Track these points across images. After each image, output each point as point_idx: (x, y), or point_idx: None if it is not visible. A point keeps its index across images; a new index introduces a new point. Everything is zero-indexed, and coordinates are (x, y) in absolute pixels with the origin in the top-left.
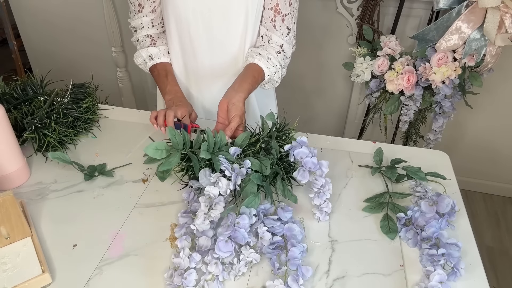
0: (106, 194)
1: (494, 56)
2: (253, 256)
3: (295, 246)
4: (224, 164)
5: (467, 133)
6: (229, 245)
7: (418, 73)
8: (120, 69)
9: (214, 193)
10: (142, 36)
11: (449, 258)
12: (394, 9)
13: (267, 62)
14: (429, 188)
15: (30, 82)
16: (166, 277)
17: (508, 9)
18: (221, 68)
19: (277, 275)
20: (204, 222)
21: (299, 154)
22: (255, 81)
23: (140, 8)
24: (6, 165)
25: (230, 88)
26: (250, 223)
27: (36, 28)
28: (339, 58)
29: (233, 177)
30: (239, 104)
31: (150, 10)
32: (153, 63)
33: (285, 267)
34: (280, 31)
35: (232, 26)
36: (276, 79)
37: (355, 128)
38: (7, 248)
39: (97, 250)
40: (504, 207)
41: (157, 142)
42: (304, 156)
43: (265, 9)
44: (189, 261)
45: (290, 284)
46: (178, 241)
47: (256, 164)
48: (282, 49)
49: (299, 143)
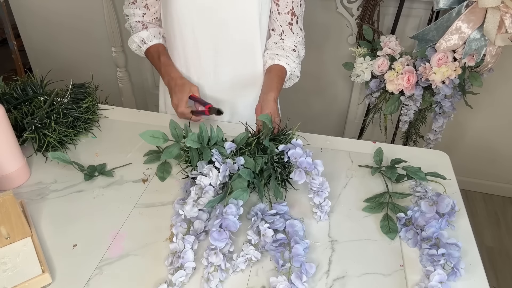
0: (106, 194)
1: (494, 56)
2: (253, 253)
3: (299, 243)
4: (215, 156)
5: (467, 133)
6: (223, 234)
7: (418, 73)
8: (120, 69)
9: (205, 183)
10: (134, 22)
11: (449, 258)
12: (394, 9)
13: (286, 59)
14: (429, 188)
15: (30, 82)
16: (166, 264)
17: (508, 9)
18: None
19: (280, 272)
20: (192, 209)
21: (293, 155)
22: (281, 79)
23: (133, 0)
24: (6, 165)
25: (260, 93)
26: (238, 213)
27: (36, 28)
28: (339, 58)
29: (222, 168)
30: (270, 103)
31: (142, 5)
32: (146, 47)
33: (289, 264)
34: (296, 34)
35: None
36: (297, 73)
37: (355, 128)
38: (7, 248)
39: (97, 250)
40: (504, 207)
41: (153, 130)
42: (299, 157)
43: (280, 13)
44: (183, 243)
45: (293, 281)
46: (174, 228)
47: (250, 162)
48: (296, 49)
49: (294, 145)
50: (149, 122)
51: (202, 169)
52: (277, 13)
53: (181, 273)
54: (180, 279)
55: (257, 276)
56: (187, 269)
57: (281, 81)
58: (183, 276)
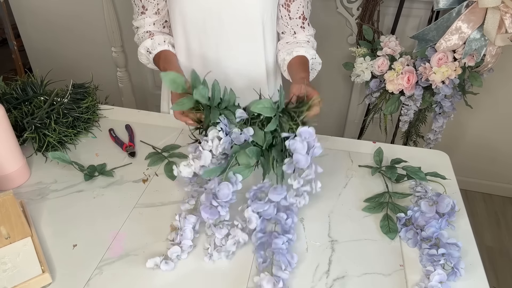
0: (106, 194)
1: (494, 56)
2: (240, 235)
3: (277, 238)
4: (221, 124)
5: (467, 133)
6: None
7: (418, 73)
8: (120, 69)
9: (205, 148)
10: (142, 32)
11: (449, 258)
12: (394, 9)
13: (304, 48)
14: (429, 188)
15: (30, 82)
16: (169, 239)
17: (508, 9)
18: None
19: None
20: (184, 169)
21: (292, 146)
22: (305, 65)
23: (143, 10)
24: (6, 165)
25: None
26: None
27: (36, 28)
28: (339, 58)
29: (223, 139)
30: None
31: (153, 12)
32: (153, 56)
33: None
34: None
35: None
36: (319, 60)
37: (355, 128)
38: (7, 248)
39: (97, 250)
40: (504, 207)
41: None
42: (298, 151)
43: (292, 18)
44: (184, 222)
45: (275, 273)
46: (181, 204)
47: (259, 135)
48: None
49: (302, 134)
50: (149, 122)
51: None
52: (288, 18)
53: (177, 248)
54: (175, 254)
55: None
56: (183, 246)
57: (306, 68)
58: (178, 252)
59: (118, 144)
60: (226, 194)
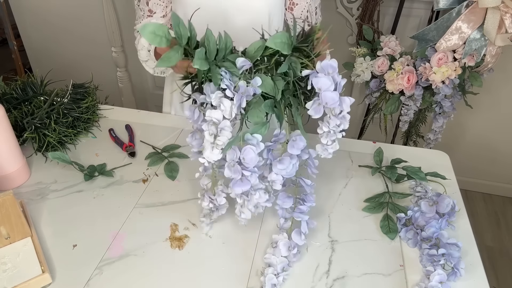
0: (106, 194)
1: (494, 56)
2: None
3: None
4: (226, 82)
5: (467, 133)
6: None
7: (418, 73)
8: (120, 69)
9: (218, 118)
10: None
11: (449, 258)
12: (394, 9)
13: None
14: (429, 188)
15: (30, 82)
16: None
17: (508, 9)
18: None
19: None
20: (212, 152)
21: (318, 84)
22: None
23: (150, 14)
24: (6, 165)
25: None
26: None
27: (36, 28)
28: (339, 58)
29: (236, 98)
30: None
31: (161, 15)
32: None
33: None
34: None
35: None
36: None
37: (355, 128)
38: (7, 248)
39: (97, 250)
40: (504, 207)
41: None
42: (324, 88)
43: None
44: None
45: (293, 238)
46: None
47: (268, 83)
48: None
49: (324, 68)
50: (149, 122)
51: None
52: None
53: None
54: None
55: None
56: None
57: None
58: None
59: (118, 144)
60: (254, 158)
